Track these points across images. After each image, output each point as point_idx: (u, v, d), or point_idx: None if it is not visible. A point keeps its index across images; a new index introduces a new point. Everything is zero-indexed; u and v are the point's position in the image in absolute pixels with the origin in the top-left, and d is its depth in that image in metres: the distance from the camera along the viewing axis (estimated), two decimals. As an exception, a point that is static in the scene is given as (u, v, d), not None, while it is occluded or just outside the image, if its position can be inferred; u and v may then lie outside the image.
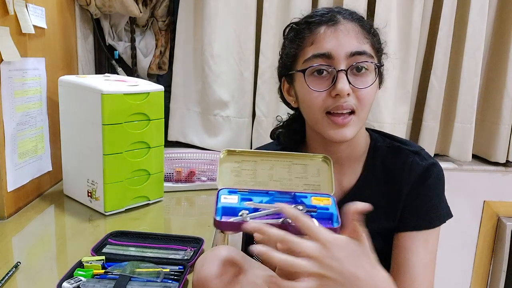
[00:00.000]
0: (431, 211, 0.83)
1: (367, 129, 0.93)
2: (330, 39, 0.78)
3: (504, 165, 1.70)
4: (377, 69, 0.81)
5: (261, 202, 0.68)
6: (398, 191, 0.83)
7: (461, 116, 1.63)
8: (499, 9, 1.65)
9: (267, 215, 0.64)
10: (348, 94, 0.77)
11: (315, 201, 0.69)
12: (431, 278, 0.80)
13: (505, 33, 1.62)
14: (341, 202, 0.86)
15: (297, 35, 0.83)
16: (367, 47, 0.79)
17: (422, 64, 1.67)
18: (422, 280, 0.78)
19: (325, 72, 0.78)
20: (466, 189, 1.70)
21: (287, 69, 0.87)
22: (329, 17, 0.80)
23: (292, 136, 0.94)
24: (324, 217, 0.66)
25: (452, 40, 1.59)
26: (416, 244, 0.80)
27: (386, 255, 0.86)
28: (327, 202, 0.68)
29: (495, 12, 1.65)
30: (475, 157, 1.74)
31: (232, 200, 0.68)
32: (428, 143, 1.65)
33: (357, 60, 0.78)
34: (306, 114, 0.86)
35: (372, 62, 0.79)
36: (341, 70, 0.77)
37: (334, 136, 0.80)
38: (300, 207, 0.65)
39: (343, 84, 0.76)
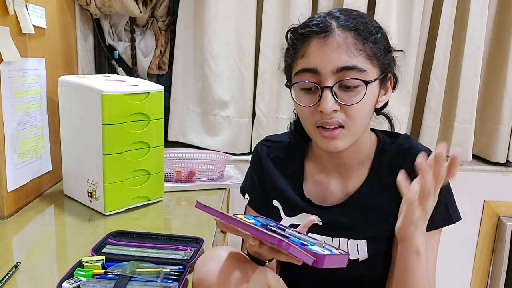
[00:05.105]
0: (439, 212, 0.81)
1: (374, 130, 0.92)
2: (318, 53, 0.76)
3: (504, 165, 1.70)
4: (375, 80, 0.78)
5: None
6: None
7: (461, 116, 1.63)
8: (499, 10, 1.65)
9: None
10: (336, 110, 0.76)
11: None
12: (433, 275, 0.79)
13: (505, 33, 1.62)
14: (344, 206, 0.87)
15: (291, 45, 0.82)
16: (358, 61, 0.75)
17: (422, 64, 1.67)
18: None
19: (313, 87, 0.78)
20: (466, 189, 1.70)
21: (286, 76, 0.86)
22: (322, 28, 0.76)
23: (300, 131, 0.93)
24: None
25: (452, 40, 1.59)
26: None
27: (391, 256, 0.86)
28: None
29: (495, 12, 1.65)
30: (475, 157, 1.74)
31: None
32: (428, 143, 1.65)
33: (345, 76, 0.75)
34: (302, 123, 0.86)
35: (360, 79, 0.75)
36: (326, 87, 0.75)
37: (325, 147, 0.81)
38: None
39: (325, 102, 0.75)
